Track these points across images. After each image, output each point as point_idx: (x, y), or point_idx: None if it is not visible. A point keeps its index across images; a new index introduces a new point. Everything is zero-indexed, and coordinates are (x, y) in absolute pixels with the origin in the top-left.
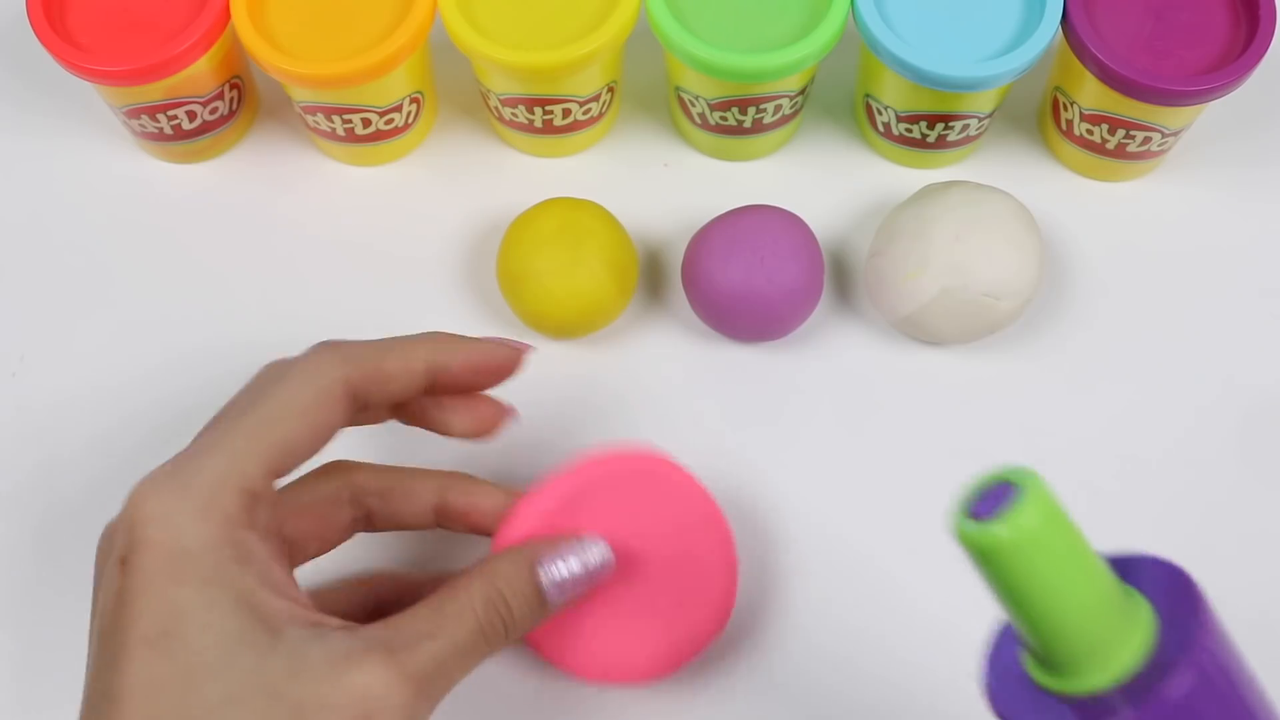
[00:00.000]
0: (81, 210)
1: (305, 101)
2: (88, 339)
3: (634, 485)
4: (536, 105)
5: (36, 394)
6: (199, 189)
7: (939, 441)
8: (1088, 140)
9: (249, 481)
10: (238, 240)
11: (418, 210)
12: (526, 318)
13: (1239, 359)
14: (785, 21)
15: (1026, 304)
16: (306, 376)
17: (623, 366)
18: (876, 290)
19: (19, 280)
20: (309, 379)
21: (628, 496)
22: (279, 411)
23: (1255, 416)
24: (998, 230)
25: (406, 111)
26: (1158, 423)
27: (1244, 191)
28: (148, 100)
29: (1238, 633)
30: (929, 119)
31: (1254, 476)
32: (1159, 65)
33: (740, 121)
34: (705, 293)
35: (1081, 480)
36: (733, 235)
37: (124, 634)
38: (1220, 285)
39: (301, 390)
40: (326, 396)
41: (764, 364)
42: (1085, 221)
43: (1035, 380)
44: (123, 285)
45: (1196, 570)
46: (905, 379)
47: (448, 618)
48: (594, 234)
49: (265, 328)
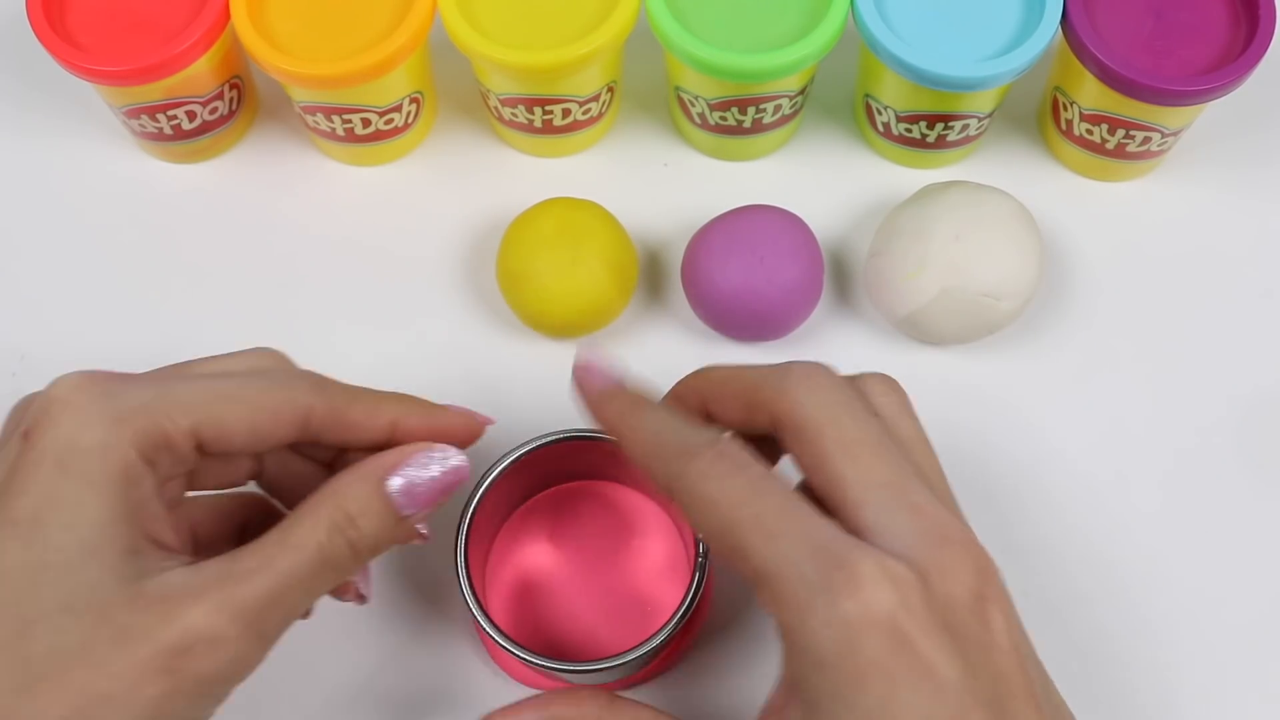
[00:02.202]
0: (81, 210)
1: (305, 101)
2: (88, 339)
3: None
4: (536, 105)
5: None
6: (199, 189)
7: (938, 441)
8: (1087, 140)
9: (170, 426)
10: (237, 240)
11: (418, 210)
12: (526, 318)
13: (1239, 358)
14: (785, 21)
15: (1026, 304)
16: (279, 384)
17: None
18: (876, 290)
19: (19, 280)
20: (280, 387)
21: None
22: (235, 393)
23: (1255, 415)
24: (998, 230)
25: (406, 111)
26: (1157, 422)
27: (1244, 191)
28: (148, 100)
29: (1236, 632)
30: (929, 119)
31: (1254, 475)
32: (1159, 65)
33: (740, 121)
34: (705, 292)
35: (1081, 480)
36: (732, 235)
37: (1, 508)
38: (1220, 285)
39: (269, 392)
40: (286, 409)
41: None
42: (1085, 221)
43: (1035, 380)
44: (123, 285)
45: (1196, 570)
46: (905, 379)
47: (288, 548)
48: (594, 234)
49: (265, 327)
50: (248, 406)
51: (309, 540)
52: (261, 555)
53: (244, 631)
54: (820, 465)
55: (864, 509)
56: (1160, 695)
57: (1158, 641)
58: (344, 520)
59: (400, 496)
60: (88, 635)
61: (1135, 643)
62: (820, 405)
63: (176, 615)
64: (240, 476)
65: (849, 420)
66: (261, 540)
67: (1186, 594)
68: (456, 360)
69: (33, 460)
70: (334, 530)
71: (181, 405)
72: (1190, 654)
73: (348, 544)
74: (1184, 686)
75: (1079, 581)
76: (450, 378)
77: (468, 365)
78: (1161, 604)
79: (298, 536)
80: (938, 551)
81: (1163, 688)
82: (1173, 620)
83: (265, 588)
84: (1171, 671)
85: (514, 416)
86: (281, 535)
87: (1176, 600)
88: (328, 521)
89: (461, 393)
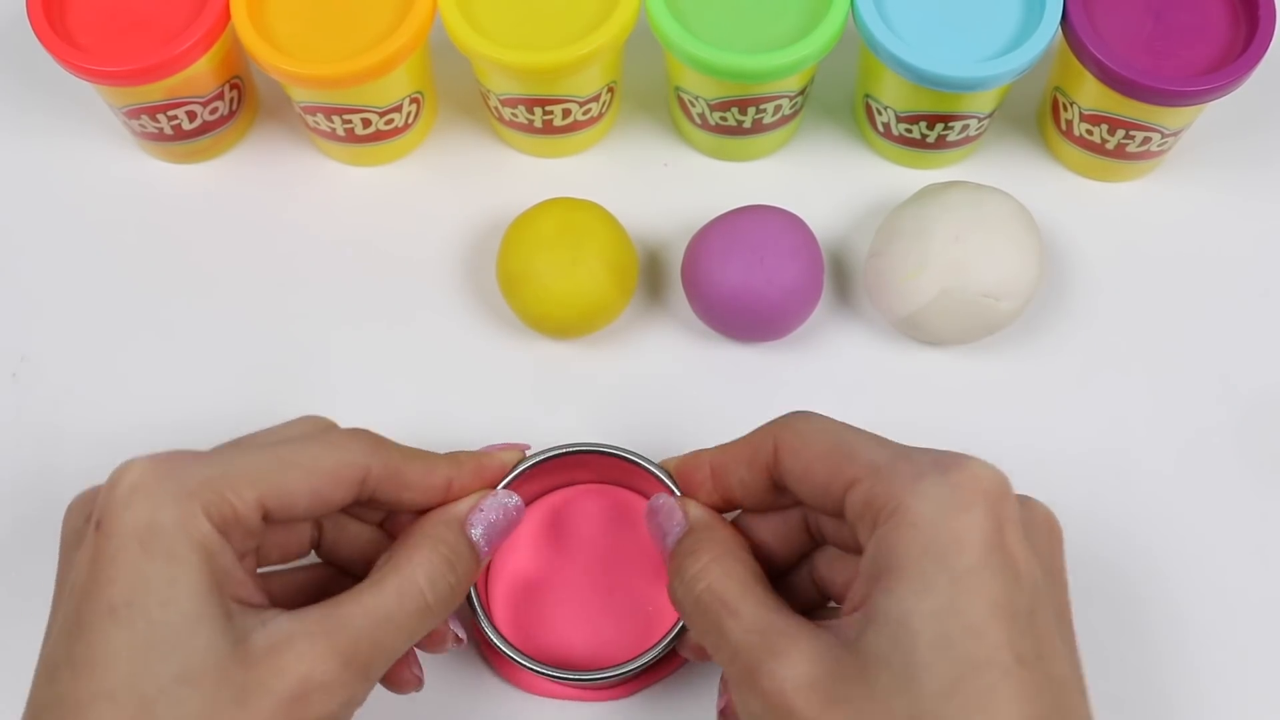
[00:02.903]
0: (81, 210)
1: (305, 101)
2: (88, 339)
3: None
4: (536, 105)
5: (36, 394)
6: (199, 189)
7: (938, 442)
8: (1087, 140)
9: (237, 499)
10: (237, 240)
11: (418, 210)
12: (526, 318)
13: (1239, 358)
14: (785, 21)
15: (1026, 304)
16: (337, 447)
17: (623, 366)
18: (876, 290)
19: (19, 280)
20: (338, 450)
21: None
22: (294, 459)
23: (1255, 415)
24: (998, 230)
25: (406, 111)
26: (1157, 422)
27: (1244, 192)
28: (148, 100)
29: (1236, 631)
30: (929, 119)
31: (1253, 475)
32: (1159, 65)
33: (740, 121)
34: (705, 293)
35: (1081, 480)
36: (732, 235)
37: (91, 600)
38: (1220, 285)
39: (326, 455)
40: (345, 470)
41: (764, 364)
42: (1085, 221)
43: (1035, 380)
44: (123, 285)
45: (1196, 569)
46: (905, 379)
47: (389, 592)
48: (594, 234)
49: (265, 327)
50: (307, 471)
51: (410, 585)
52: (363, 601)
53: (354, 675)
54: (894, 592)
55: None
56: (1160, 695)
57: (1158, 641)
58: (443, 564)
59: (482, 540)
60: (208, 701)
61: (1135, 643)
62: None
63: (289, 666)
64: (304, 546)
65: (983, 577)
66: (361, 587)
67: (1186, 594)
68: (456, 360)
69: (115, 547)
70: (434, 574)
71: (245, 477)
72: (1191, 654)
73: (448, 586)
74: (1184, 686)
75: (1079, 581)
76: (450, 378)
77: (468, 365)
78: (1161, 603)
79: (398, 582)
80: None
81: (1163, 688)
82: (1173, 620)
83: (370, 632)
84: (1172, 671)
85: (514, 416)
86: (380, 580)
87: (1176, 600)
88: (427, 566)
89: (462, 393)
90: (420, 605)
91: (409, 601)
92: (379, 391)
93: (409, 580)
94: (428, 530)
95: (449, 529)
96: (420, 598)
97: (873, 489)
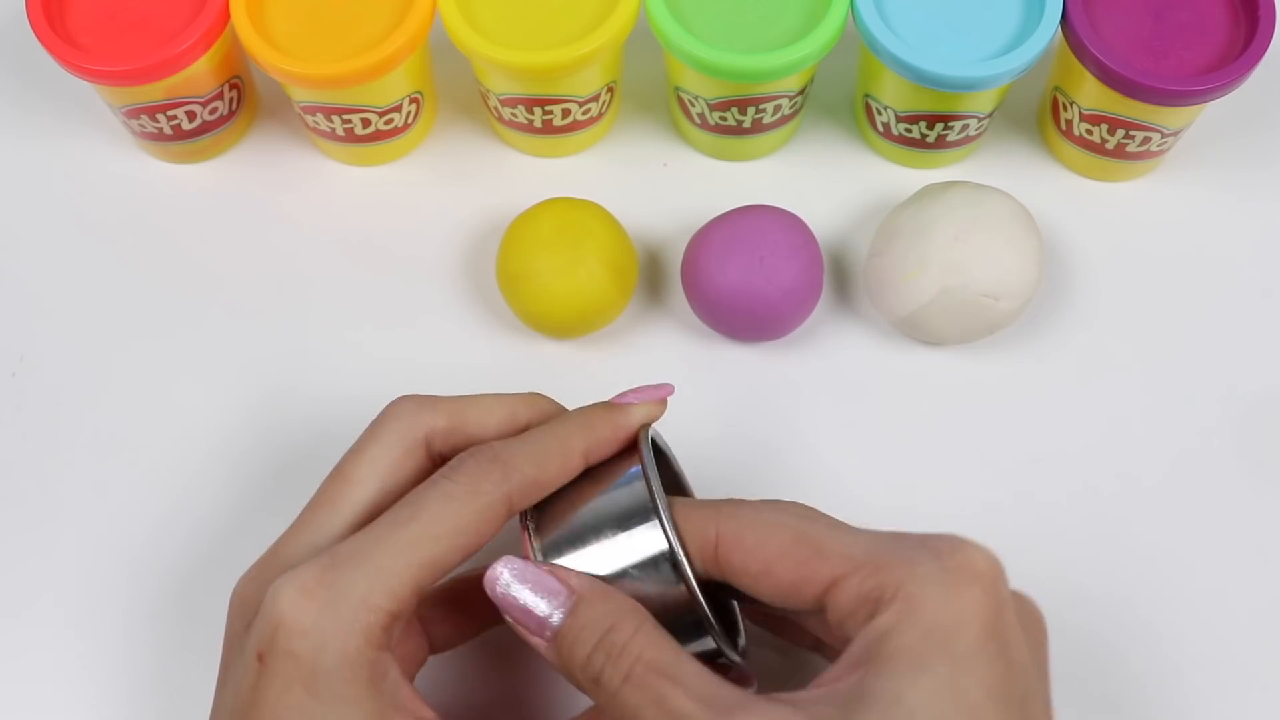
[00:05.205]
0: (81, 210)
1: (305, 101)
2: (87, 339)
3: None
4: (536, 105)
5: (36, 394)
6: (199, 189)
7: (938, 442)
8: (1087, 140)
9: (395, 602)
10: (237, 240)
11: (418, 210)
12: (526, 318)
13: (1239, 359)
14: (785, 21)
15: (1026, 304)
16: (470, 494)
17: (623, 366)
18: (876, 290)
19: (19, 280)
20: (472, 497)
21: None
22: (436, 529)
23: (1255, 415)
24: (998, 230)
25: (406, 111)
26: (1158, 423)
27: (1244, 191)
28: (147, 100)
29: (1236, 631)
30: (929, 119)
31: (1254, 475)
32: (1159, 65)
33: (740, 121)
34: (705, 293)
35: (1081, 480)
36: (732, 235)
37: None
38: (1220, 285)
39: (463, 508)
40: (489, 514)
41: (764, 364)
42: (1085, 221)
43: (1035, 381)
44: (122, 285)
45: (1196, 570)
46: (905, 379)
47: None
48: (594, 234)
49: (265, 328)
50: (459, 545)
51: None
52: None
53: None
54: (890, 674)
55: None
56: (1160, 695)
57: (1158, 641)
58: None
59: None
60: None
61: (1135, 643)
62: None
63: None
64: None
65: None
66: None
67: (1186, 594)
68: (456, 360)
69: (280, 689)
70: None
71: (396, 576)
72: (1191, 654)
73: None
74: (1184, 686)
75: (1078, 581)
76: (450, 377)
77: (468, 365)
78: (1161, 604)
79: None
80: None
81: (1163, 688)
82: (1173, 620)
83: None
84: (1172, 672)
85: None
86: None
87: (1176, 600)
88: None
89: (461, 393)
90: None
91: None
92: (379, 391)
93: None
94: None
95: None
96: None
97: (864, 584)
